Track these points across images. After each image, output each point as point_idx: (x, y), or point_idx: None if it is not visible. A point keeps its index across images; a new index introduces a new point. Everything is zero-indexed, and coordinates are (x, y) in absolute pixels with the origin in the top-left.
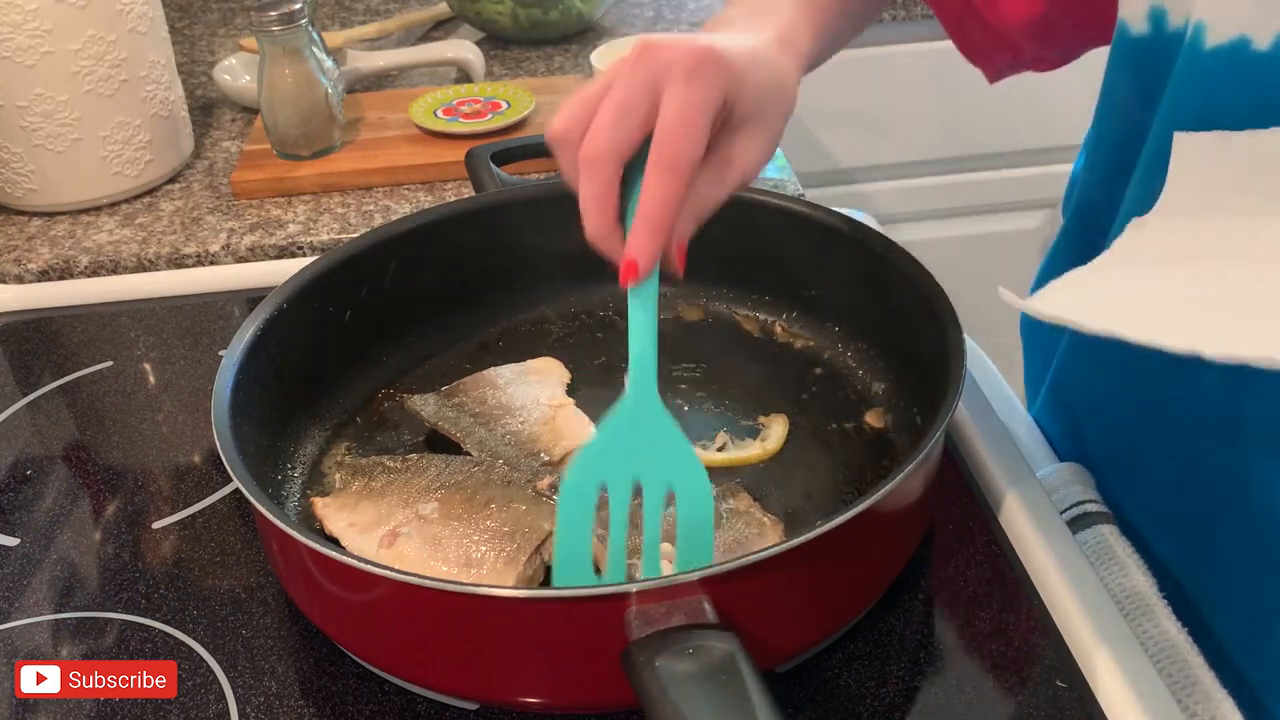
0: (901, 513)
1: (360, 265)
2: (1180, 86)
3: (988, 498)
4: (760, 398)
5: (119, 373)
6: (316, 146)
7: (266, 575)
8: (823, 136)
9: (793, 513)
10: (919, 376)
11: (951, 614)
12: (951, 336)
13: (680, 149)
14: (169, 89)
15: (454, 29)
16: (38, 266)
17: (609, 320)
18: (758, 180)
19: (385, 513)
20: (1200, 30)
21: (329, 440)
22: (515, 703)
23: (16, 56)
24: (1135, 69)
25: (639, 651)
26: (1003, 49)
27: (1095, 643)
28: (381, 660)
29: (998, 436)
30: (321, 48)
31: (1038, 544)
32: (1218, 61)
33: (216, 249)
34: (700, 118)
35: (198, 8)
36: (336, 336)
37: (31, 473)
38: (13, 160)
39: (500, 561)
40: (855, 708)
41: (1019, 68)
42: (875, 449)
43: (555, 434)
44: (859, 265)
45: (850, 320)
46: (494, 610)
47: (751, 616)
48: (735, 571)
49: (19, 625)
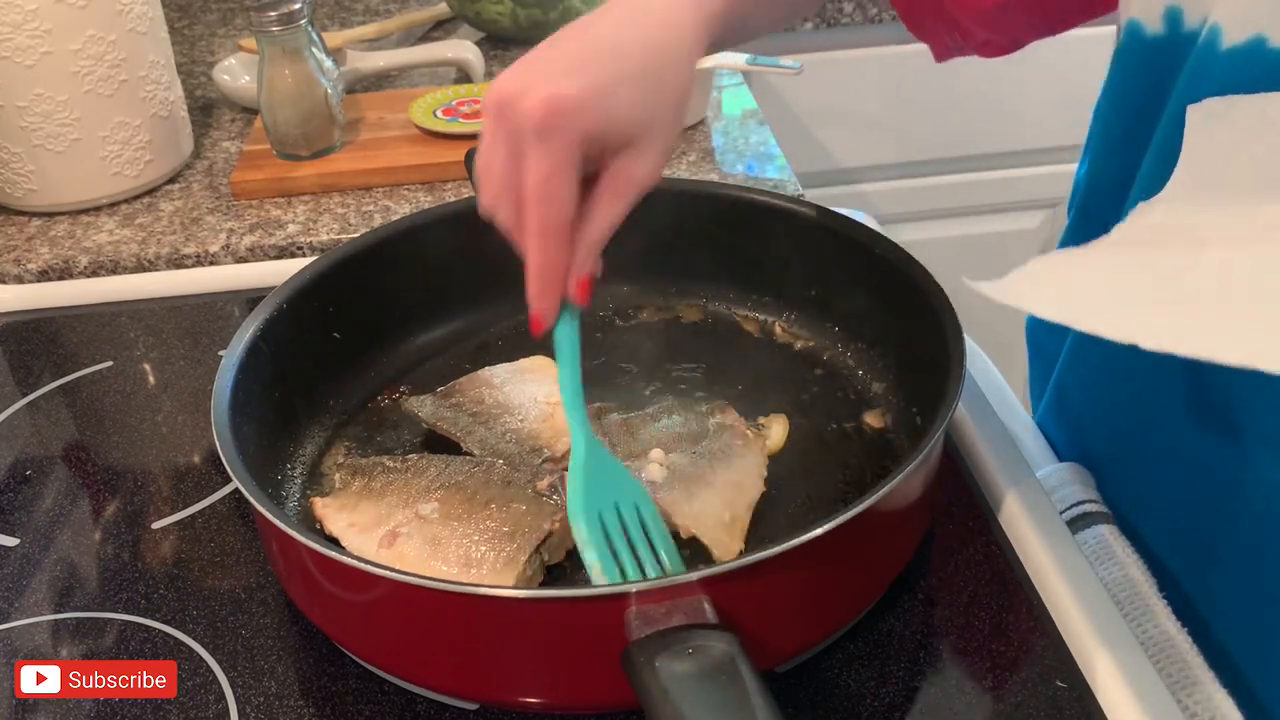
0: (901, 512)
1: (359, 266)
2: (1192, 86)
3: (988, 498)
4: (760, 398)
5: (119, 373)
6: (316, 147)
7: (266, 575)
8: (823, 136)
9: (792, 513)
10: (919, 376)
11: (951, 614)
12: (952, 337)
13: (546, 216)
14: (169, 89)
15: (454, 29)
16: (37, 267)
17: (606, 320)
18: (758, 182)
19: (385, 513)
20: (1217, 31)
21: (328, 440)
22: (515, 703)
23: (16, 56)
24: (1146, 69)
25: (639, 651)
26: (953, 31)
27: (1095, 643)
28: (381, 660)
29: (998, 437)
30: (321, 48)
31: (1038, 544)
32: (1233, 61)
33: (216, 249)
34: (558, 179)
35: (197, 8)
36: (336, 337)
37: (31, 473)
38: (12, 160)
39: (500, 562)
40: (854, 707)
41: (966, 50)
42: (875, 449)
43: (556, 431)
44: (859, 266)
45: (850, 320)
46: (494, 610)
47: (751, 616)
48: (735, 571)
49: (18, 625)
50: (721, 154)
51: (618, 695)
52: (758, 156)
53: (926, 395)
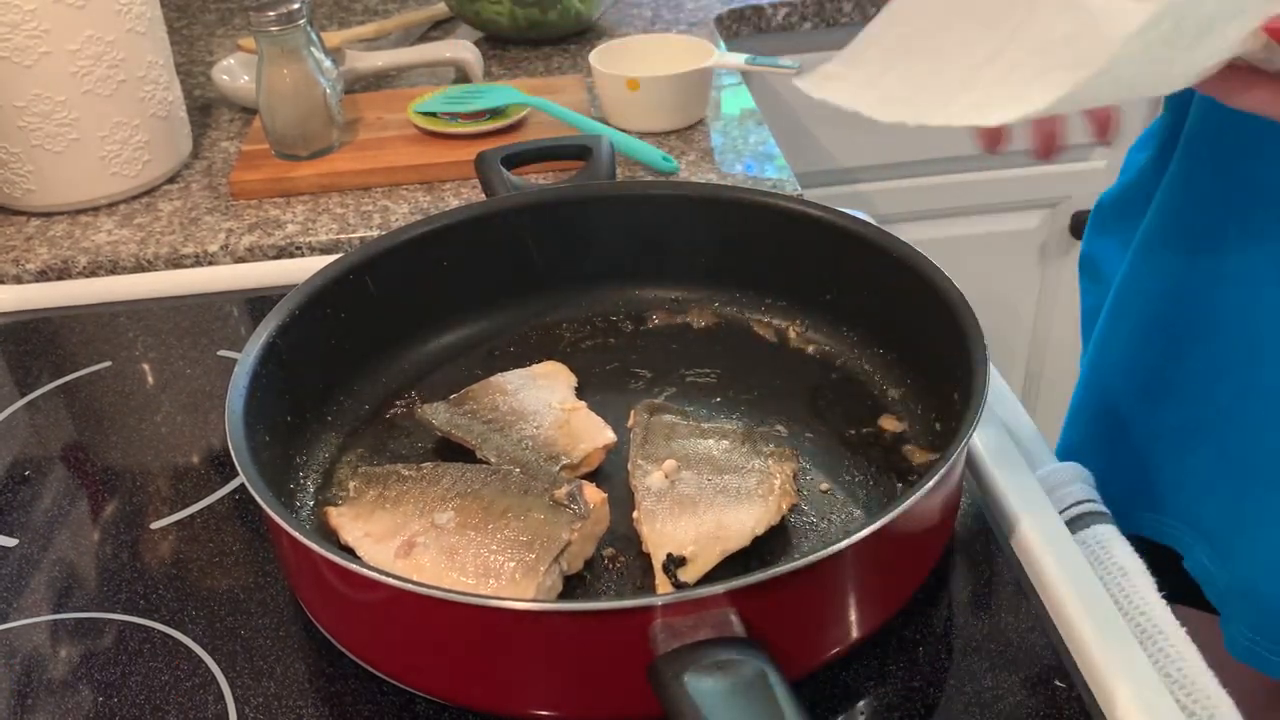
0: (927, 521)
1: (369, 272)
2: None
3: (987, 497)
4: (775, 403)
5: (117, 373)
6: (315, 147)
7: (265, 576)
8: (823, 136)
9: (810, 520)
10: (935, 382)
11: (950, 613)
12: (973, 342)
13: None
14: (167, 89)
15: (452, 29)
16: (36, 267)
17: (620, 326)
18: (757, 182)
19: (401, 522)
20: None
21: (340, 448)
22: (533, 716)
23: (14, 57)
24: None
25: (666, 666)
26: None
27: (1095, 642)
28: (397, 671)
29: (998, 436)
30: (320, 48)
31: (1037, 544)
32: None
33: (215, 249)
34: None
35: (196, 8)
36: (347, 343)
37: (30, 473)
38: (11, 160)
39: (519, 572)
40: (853, 707)
41: None
42: (892, 454)
43: (572, 437)
44: (875, 270)
45: (865, 325)
46: (517, 623)
47: (779, 629)
48: (764, 583)
49: (18, 626)
50: (720, 154)
51: (640, 708)
52: (757, 156)
53: (944, 400)
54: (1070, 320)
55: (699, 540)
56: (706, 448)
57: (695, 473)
